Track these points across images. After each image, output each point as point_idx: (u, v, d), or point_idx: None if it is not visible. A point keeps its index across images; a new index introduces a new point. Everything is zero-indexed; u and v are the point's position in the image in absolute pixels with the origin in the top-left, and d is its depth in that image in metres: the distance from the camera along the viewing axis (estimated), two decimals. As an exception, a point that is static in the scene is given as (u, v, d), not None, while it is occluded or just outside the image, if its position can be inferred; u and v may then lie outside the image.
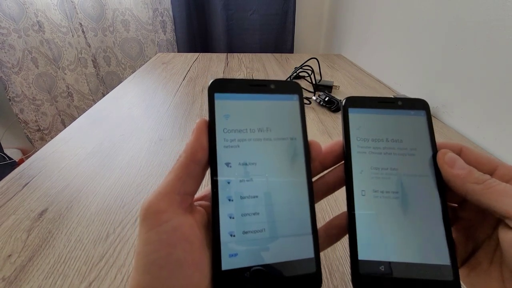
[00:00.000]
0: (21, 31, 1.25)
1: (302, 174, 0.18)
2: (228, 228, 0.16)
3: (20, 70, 1.30)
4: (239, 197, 0.16)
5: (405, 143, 0.20)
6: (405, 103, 0.20)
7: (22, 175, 0.43)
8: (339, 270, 0.30)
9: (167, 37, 1.40)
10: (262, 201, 0.17)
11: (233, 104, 0.18)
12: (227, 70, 0.97)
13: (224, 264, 0.15)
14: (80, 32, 1.34)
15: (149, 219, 0.15)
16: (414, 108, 0.20)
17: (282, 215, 0.17)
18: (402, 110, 0.20)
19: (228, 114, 0.17)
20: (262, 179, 0.17)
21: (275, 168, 0.17)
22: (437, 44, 0.65)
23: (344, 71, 0.98)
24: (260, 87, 0.18)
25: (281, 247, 0.16)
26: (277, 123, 0.18)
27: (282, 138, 0.18)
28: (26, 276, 0.28)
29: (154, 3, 1.33)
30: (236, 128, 0.17)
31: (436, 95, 0.65)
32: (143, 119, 0.61)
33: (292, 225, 0.17)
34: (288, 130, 0.18)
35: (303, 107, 0.19)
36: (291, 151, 0.18)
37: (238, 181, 0.17)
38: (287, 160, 0.18)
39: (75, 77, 1.42)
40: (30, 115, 1.40)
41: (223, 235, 0.16)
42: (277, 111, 0.18)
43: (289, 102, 0.19)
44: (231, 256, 0.16)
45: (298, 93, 0.19)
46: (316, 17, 1.44)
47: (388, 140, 0.20)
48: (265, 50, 1.39)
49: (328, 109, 0.66)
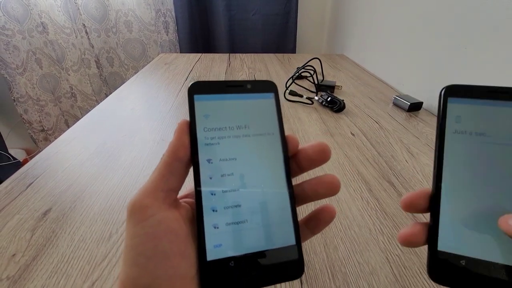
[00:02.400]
0: (25, 32, 1.27)
1: (281, 165, 0.19)
2: (211, 220, 0.17)
3: (24, 71, 1.31)
4: (221, 191, 0.17)
5: None
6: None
7: (26, 175, 0.43)
8: (341, 271, 0.29)
9: (170, 37, 1.41)
10: (243, 194, 0.18)
11: (212, 104, 0.19)
12: (229, 70, 0.97)
13: (209, 255, 0.16)
14: (83, 33, 1.35)
15: (135, 214, 0.15)
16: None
17: (263, 206, 0.18)
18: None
19: (208, 114, 0.18)
20: (242, 173, 0.18)
21: (255, 161, 0.18)
22: (440, 43, 0.64)
23: (346, 71, 0.97)
24: (237, 87, 0.19)
25: (263, 236, 0.17)
26: (254, 120, 0.19)
27: (260, 133, 0.19)
28: (30, 275, 0.28)
29: (157, 4, 1.33)
30: (216, 127, 0.18)
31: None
32: (145, 120, 0.61)
33: (273, 215, 0.18)
34: (265, 126, 0.19)
35: (279, 104, 0.20)
36: (269, 145, 0.19)
37: (220, 176, 0.17)
38: (266, 153, 0.19)
39: (78, 77, 1.43)
40: (34, 115, 1.41)
41: (207, 227, 0.17)
42: (254, 109, 0.19)
43: (265, 100, 0.20)
44: (215, 247, 0.16)
45: (274, 91, 0.20)
46: (318, 17, 1.43)
47: None
48: (267, 50, 1.39)
49: (331, 109, 0.66)
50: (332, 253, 0.31)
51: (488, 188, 0.17)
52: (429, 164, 0.46)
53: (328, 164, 0.46)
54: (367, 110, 0.67)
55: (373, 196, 0.39)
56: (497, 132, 0.17)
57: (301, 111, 0.66)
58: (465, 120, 0.18)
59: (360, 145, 0.51)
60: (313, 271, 0.28)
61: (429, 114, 0.65)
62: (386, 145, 0.52)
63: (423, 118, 0.63)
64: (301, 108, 0.67)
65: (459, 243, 0.17)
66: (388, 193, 0.39)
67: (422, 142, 0.53)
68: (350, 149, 0.50)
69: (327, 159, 0.19)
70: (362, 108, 0.67)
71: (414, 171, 0.44)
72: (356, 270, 0.29)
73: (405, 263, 0.29)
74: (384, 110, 0.67)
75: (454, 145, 0.18)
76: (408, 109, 0.65)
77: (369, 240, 0.33)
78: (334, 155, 0.48)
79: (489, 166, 0.17)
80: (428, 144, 0.52)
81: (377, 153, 0.49)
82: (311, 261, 0.29)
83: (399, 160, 0.47)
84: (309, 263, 0.29)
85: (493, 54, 0.51)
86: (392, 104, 0.70)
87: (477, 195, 0.17)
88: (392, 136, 0.55)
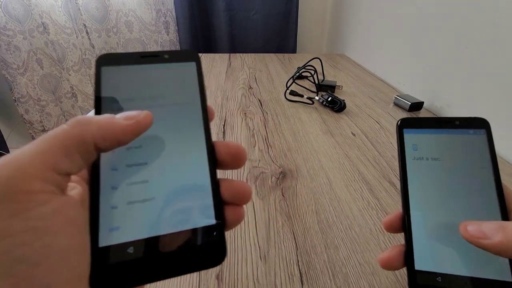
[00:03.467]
0: (26, 33, 1.27)
1: (201, 138, 0.16)
2: (109, 199, 0.14)
3: (25, 71, 1.31)
4: (125, 165, 0.15)
5: None
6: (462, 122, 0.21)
7: (27, 175, 0.43)
8: (342, 271, 0.29)
9: (170, 37, 1.41)
10: (152, 168, 0.15)
11: (122, 74, 0.17)
12: (229, 70, 0.97)
13: (102, 240, 0.13)
14: (84, 33, 1.35)
15: (13, 201, 0.11)
16: None
17: (176, 182, 0.15)
18: None
19: (117, 84, 0.16)
20: (153, 145, 0.16)
21: (167, 133, 0.16)
22: (441, 43, 0.64)
23: (347, 71, 0.97)
24: (153, 57, 0.18)
25: (174, 216, 0.15)
26: (171, 90, 0.17)
27: (177, 103, 0.17)
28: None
29: (157, 4, 1.34)
30: (126, 97, 0.16)
31: (440, 95, 0.64)
32: (146, 120, 0.61)
33: (188, 192, 0.15)
34: (183, 96, 0.17)
35: (201, 73, 0.18)
36: (187, 116, 0.17)
37: (125, 149, 0.15)
38: (182, 125, 0.16)
39: (79, 78, 1.44)
40: (35, 115, 1.42)
41: (102, 207, 0.14)
42: (172, 79, 0.17)
43: (184, 69, 0.18)
44: (111, 230, 0.14)
45: (195, 60, 0.18)
46: (319, 16, 1.43)
47: None
48: (267, 50, 1.39)
49: (331, 109, 0.66)
50: (333, 254, 0.31)
51: (451, 205, 0.19)
52: (430, 164, 0.46)
53: (329, 164, 0.46)
54: (368, 110, 0.66)
55: (374, 196, 0.39)
56: (448, 156, 0.20)
57: (301, 111, 0.66)
58: (421, 148, 0.21)
59: (361, 145, 0.51)
60: (314, 272, 0.28)
61: (430, 114, 0.65)
62: (386, 145, 0.52)
63: (424, 118, 0.63)
64: (301, 108, 0.67)
65: (433, 261, 0.18)
66: (389, 193, 0.39)
67: (423, 142, 0.53)
68: (351, 149, 0.50)
69: (240, 166, 0.17)
70: (363, 108, 0.67)
71: (415, 171, 0.44)
72: (357, 270, 0.29)
73: (406, 264, 0.29)
74: (385, 110, 0.66)
75: (415, 170, 0.20)
76: (409, 109, 0.65)
77: (370, 240, 0.33)
78: (334, 155, 0.48)
79: (447, 186, 0.20)
80: (429, 144, 0.52)
81: (378, 153, 0.49)
82: (311, 261, 0.29)
83: (400, 160, 0.47)
84: (310, 263, 0.29)
85: (494, 54, 0.51)
86: (393, 104, 0.70)
87: (442, 213, 0.19)
88: (393, 136, 0.55)
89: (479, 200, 0.19)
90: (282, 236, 0.32)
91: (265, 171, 0.44)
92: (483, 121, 0.20)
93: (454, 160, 0.20)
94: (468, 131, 0.20)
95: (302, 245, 0.31)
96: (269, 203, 0.37)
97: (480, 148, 0.20)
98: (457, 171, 0.20)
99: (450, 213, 0.19)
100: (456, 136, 0.20)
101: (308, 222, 0.34)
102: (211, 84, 0.83)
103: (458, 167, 0.20)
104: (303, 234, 0.32)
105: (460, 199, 0.19)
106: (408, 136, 0.21)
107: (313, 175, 0.43)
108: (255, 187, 0.40)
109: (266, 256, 0.30)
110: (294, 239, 0.32)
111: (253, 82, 0.85)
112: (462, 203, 0.19)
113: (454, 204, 0.19)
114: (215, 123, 0.59)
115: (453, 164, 0.20)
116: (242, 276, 0.28)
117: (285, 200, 0.38)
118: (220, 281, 0.27)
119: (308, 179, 0.42)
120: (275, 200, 0.38)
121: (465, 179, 0.19)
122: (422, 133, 0.21)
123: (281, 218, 0.35)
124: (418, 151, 0.20)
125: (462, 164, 0.20)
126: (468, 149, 0.20)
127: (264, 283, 0.27)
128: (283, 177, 0.42)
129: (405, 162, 0.20)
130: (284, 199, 0.38)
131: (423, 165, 0.20)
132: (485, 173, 0.19)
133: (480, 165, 0.19)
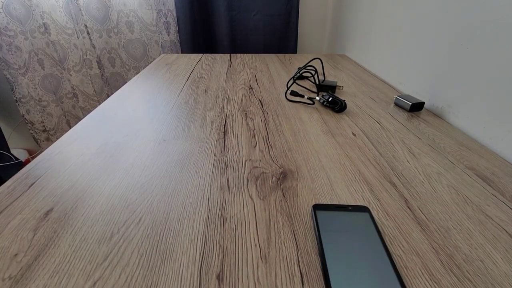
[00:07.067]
0: (28, 33, 1.27)
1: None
2: None
3: (26, 71, 1.31)
4: None
5: None
6: None
7: (28, 175, 0.43)
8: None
9: (171, 38, 1.41)
10: None
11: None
12: (230, 70, 0.97)
13: None
14: (85, 34, 1.35)
15: None
16: None
17: None
18: None
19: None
20: None
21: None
22: (442, 43, 0.64)
23: (348, 71, 0.97)
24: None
25: None
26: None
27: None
28: (32, 275, 0.28)
29: (158, 4, 1.34)
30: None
31: (441, 95, 0.64)
32: (147, 120, 0.61)
33: None
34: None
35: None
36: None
37: None
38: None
39: (80, 78, 1.44)
40: (36, 116, 1.42)
41: None
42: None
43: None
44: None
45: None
46: (319, 17, 1.43)
47: None
48: (268, 50, 1.39)
49: (332, 110, 0.66)
50: (334, 254, 0.31)
51: (360, 264, 0.27)
52: (431, 165, 0.46)
53: (329, 164, 0.46)
54: (369, 110, 0.66)
55: (375, 196, 0.39)
56: (345, 228, 0.31)
57: (302, 111, 0.66)
58: (329, 223, 0.32)
59: (362, 146, 0.51)
60: (314, 272, 0.28)
61: (431, 114, 0.65)
62: (387, 145, 0.52)
63: (424, 118, 0.63)
64: (302, 108, 0.67)
65: None
66: (389, 193, 0.39)
67: (424, 142, 0.53)
68: (351, 149, 0.50)
69: None
70: (364, 108, 0.67)
71: (415, 172, 0.44)
72: (358, 270, 0.29)
73: (406, 264, 0.29)
74: (385, 110, 0.66)
75: (328, 240, 0.30)
76: (410, 109, 0.65)
77: (370, 240, 0.33)
78: (335, 155, 0.48)
79: (352, 250, 0.28)
80: (429, 145, 0.52)
81: (379, 154, 0.49)
82: (312, 261, 0.29)
83: (401, 160, 0.47)
84: (311, 263, 0.29)
85: (495, 53, 0.50)
86: (393, 104, 0.70)
87: (356, 274, 0.26)
88: (393, 136, 0.55)
89: (374, 256, 0.28)
90: (283, 236, 0.32)
91: (265, 171, 0.44)
92: (366, 207, 0.34)
93: (351, 230, 0.31)
94: (357, 213, 0.33)
95: (303, 245, 0.31)
96: (269, 204, 0.37)
97: (367, 223, 0.32)
98: (355, 238, 0.30)
99: (362, 272, 0.26)
100: (350, 214, 0.33)
101: (309, 223, 0.34)
102: (211, 84, 0.84)
103: (355, 235, 0.30)
104: (303, 235, 0.32)
105: (360, 256, 0.28)
106: (319, 214, 0.33)
107: (314, 175, 0.43)
108: (256, 187, 0.40)
109: (267, 257, 0.30)
110: (295, 239, 0.32)
111: (253, 82, 0.85)
112: (364, 258, 0.28)
113: (362, 263, 0.27)
114: (216, 123, 0.59)
115: (351, 233, 0.30)
116: (242, 276, 0.28)
117: (286, 200, 0.38)
118: (221, 281, 0.27)
119: (309, 180, 0.42)
120: (275, 201, 0.38)
121: (362, 242, 0.29)
122: (328, 213, 0.33)
123: (281, 218, 0.35)
124: (327, 225, 0.31)
125: (357, 232, 0.30)
126: (360, 223, 0.32)
127: (264, 283, 0.27)
128: (284, 177, 0.42)
129: (319, 232, 0.31)
130: (285, 200, 0.38)
131: (332, 234, 0.30)
132: (374, 238, 0.30)
133: (369, 233, 0.30)
